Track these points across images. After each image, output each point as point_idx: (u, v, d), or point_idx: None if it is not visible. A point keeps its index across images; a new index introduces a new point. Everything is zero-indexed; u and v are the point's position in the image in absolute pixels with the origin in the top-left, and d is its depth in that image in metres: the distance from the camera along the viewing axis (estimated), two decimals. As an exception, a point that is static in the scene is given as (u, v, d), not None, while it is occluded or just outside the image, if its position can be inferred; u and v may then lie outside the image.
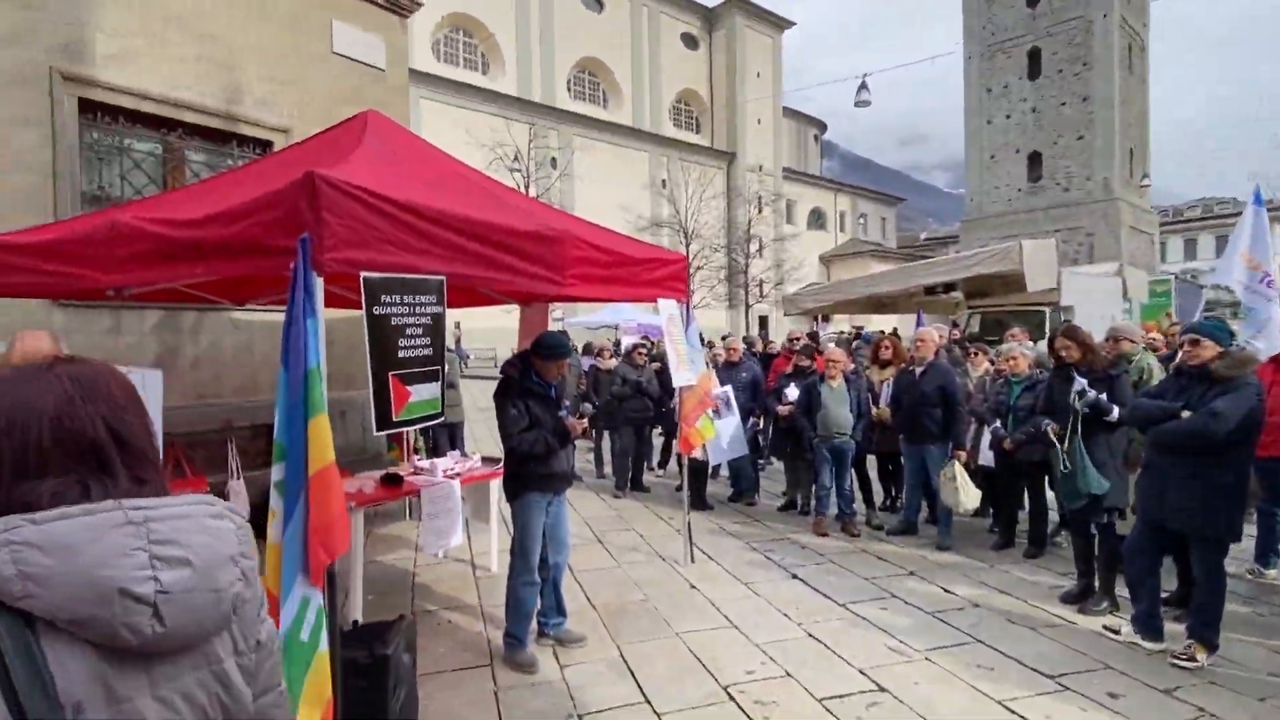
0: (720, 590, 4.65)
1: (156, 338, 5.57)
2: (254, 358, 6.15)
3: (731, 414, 6.44)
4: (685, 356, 5.03)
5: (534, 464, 3.58)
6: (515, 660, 3.61)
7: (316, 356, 2.34)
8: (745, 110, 42.80)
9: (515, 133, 28.69)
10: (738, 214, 38.63)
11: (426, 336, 2.84)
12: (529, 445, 3.51)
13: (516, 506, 3.65)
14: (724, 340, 7.48)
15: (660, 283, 4.67)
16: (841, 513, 5.99)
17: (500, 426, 3.56)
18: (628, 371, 7.55)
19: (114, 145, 5.52)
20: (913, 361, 5.79)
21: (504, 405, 3.55)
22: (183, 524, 0.86)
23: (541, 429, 3.55)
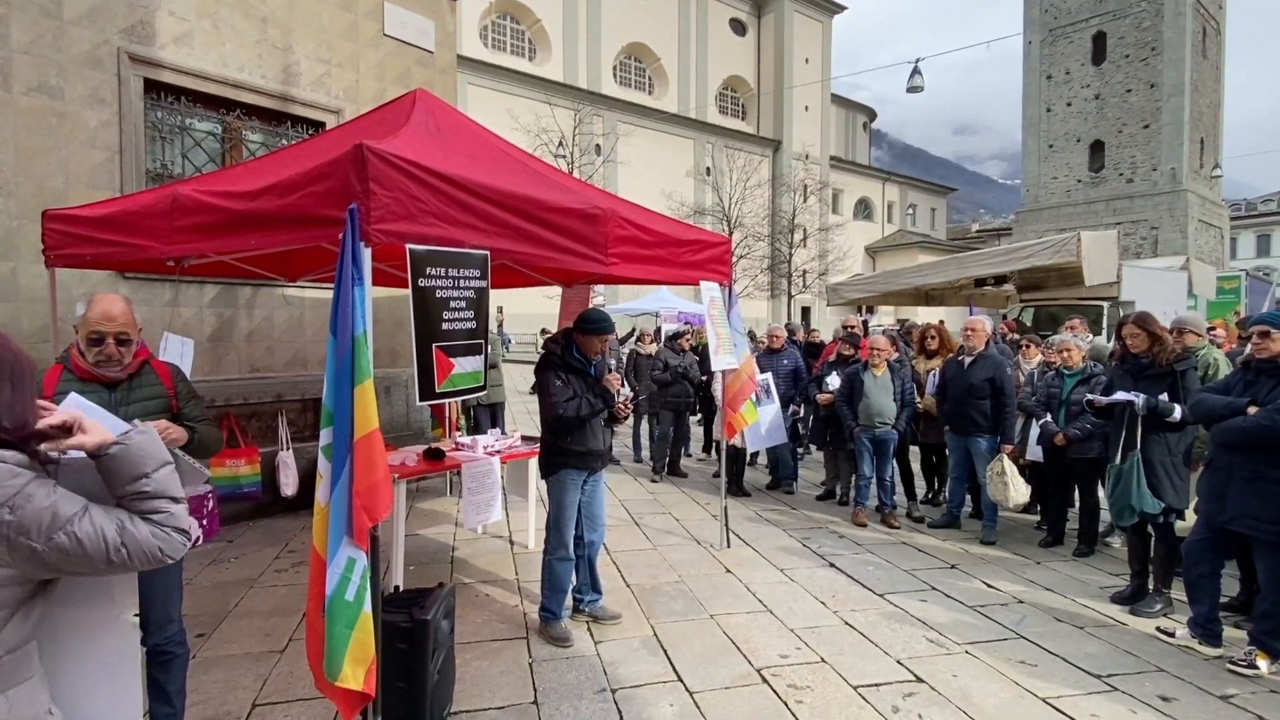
0: (755, 575, 4.63)
1: (213, 311, 5.76)
2: (304, 333, 6.32)
3: (771, 401, 6.38)
4: (727, 339, 4.99)
5: (571, 439, 3.61)
6: (550, 633, 3.66)
7: (363, 324, 2.39)
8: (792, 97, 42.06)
9: (560, 118, 28.77)
10: (782, 202, 38.08)
11: (470, 310, 2.87)
12: (574, 410, 3.55)
13: (552, 482, 3.69)
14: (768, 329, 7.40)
15: (703, 265, 4.63)
16: (881, 504, 5.89)
17: (542, 397, 3.59)
18: (670, 356, 7.53)
19: (176, 125, 5.71)
20: (962, 351, 5.64)
21: (547, 377, 3.58)
22: None
23: (589, 401, 3.60)
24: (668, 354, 7.60)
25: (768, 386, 6.39)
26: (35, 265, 4.69)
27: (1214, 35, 32.99)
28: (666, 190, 34.29)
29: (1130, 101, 31.89)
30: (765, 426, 6.21)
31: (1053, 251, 8.92)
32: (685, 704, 3.06)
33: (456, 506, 6.14)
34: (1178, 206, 30.88)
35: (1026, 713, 3.04)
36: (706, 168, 38.09)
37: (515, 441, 5.10)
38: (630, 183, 33.24)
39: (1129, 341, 4.12)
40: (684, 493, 6.90)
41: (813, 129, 43.57)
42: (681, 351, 7.66)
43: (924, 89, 19.32)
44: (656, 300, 19.71)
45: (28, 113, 4.81)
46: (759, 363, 6.66)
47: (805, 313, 40.50)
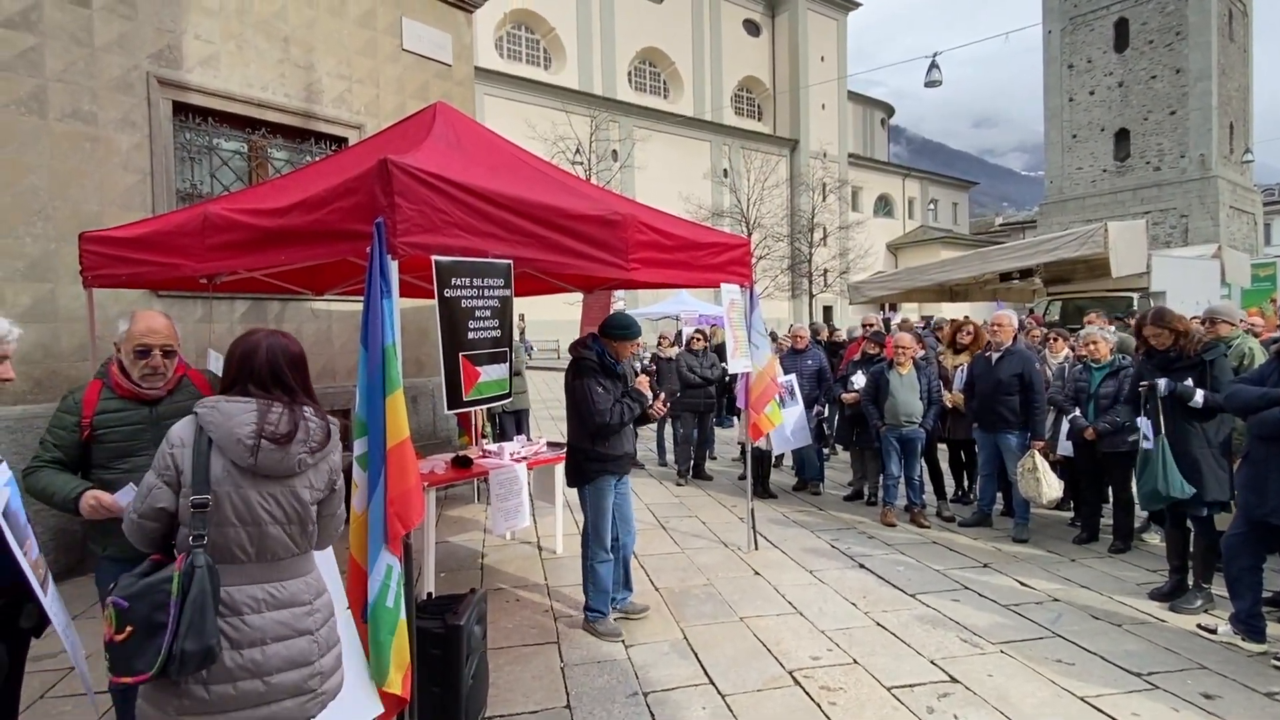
0: (784, 577, 4.62)
1: (244, 325, 5.89)
2: (332, 345, 6.43)
3: (795, 403, 6.36)
4: (744, 342, 4.98)
5: (609, 445, 3.66)
6: (598, 630, 3.75)
7: (392, 335, 2.43)
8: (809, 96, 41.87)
9: (577, 126, 28.93)
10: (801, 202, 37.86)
11: (495, 319, 2.90)
12: (619, 417, 3.59)
13: (589, 490, 3.73)
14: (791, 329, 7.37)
15: (724, 267, 4.64)
16: (910, 503, 5.84)
17: (583, 404, 3.60)
18: (692, 361, 7.53)
19: (204, 145, 5.86)
20: (989, 346, 5.58)
21: (588, 384, 3.59)
22: (286, 413, 1.90)
23: (628, 405, 3.65)
24: (688, 358, 7.61)
25: (791, 388, 6.36)
26: (73, 286, 4.83)
27: (1240, 17, 32.23)
28: (684, 193, 34.31)
29: (1155, 88, 31.25)
30: (790, 428, 6.18)
31: (1079, 243, 8.78)
32: (717, 706, 3.06)
33: (485, 513, 6.19)
34: (1208, 193, 30.17)
35: (1065, 712, 2.99)
36: (724, 169, 38.05)
37: (541, 447, 5.13)
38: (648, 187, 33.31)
39: (1153, 341, 4.04)
40: (710, 496, 6.89)
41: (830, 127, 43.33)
42: (700, 353, 7.67)
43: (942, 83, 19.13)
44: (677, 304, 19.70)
45: (63, 138, 4.96)
46: (783, 364, 6.64)
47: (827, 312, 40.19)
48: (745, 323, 5.03)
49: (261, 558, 1.84)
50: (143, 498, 1.83)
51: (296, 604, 1.87)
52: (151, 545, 1.84)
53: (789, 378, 6.39)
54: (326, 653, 1.92)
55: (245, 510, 1.82)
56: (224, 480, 1.80)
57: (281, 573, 1.87)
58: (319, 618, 1.93)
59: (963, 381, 5.85)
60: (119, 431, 2.42)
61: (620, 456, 3.72)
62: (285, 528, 1.87)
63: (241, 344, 1.94)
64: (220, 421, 1.83)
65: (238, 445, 1.81)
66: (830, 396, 6.83)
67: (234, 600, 1.79)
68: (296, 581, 1.90)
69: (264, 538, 1.84)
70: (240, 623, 1.78)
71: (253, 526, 1.83)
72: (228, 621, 1.76)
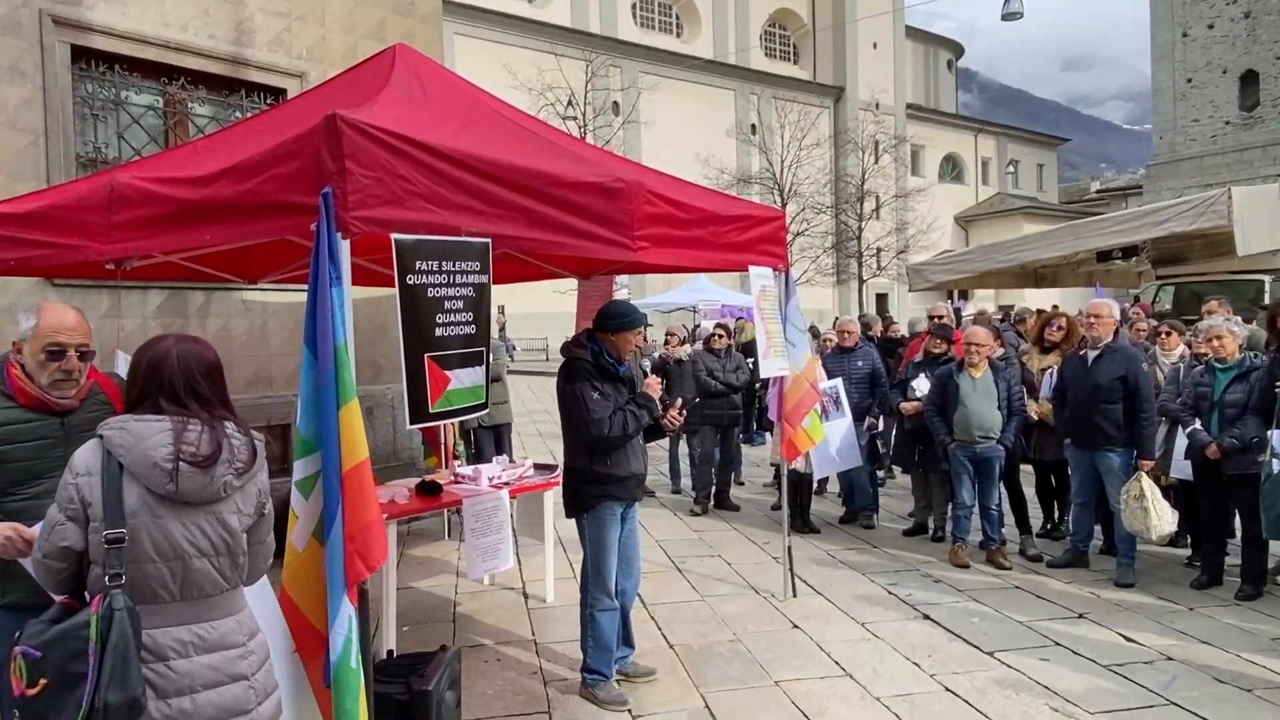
0: (830, 631, 4.62)
1: (160, 322, 5.93)
2: (268, 345, 6.47)
3: (842, 414, 6.36)
4: (778, 339, 4.99)
5: (612, 463, 3.68)
6: (599, 696, 3.75)
7: (344, 331, 2.45)
8: (856, 33, 41.88)
9: (568, 71, 29.02)
10: (848, 164, 37.91)
11: (469, 311, 2.92)
12: (620, 427, 3.60)
13: (589, 520, 3.75)
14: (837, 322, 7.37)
15: (752, 246, 4.65)
16: (987, 538, 5.83)
17: (578, 415, 3.63)
18: (711, 363, 7.54)
19: (110, 99, 5.91)
20: (1084, 344, 5.57)
21: (581, 390, 3.61)
22: (206, 431, 2.00)
23: (633, 413, 3.66)
24: (707, 358, 7.62)
25: (837, 395, 6.36)
26: (-50, 274, 4.87)
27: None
28: (702, 154, 34.39)
29: (1291, 19, 31.09)
30: (835, 445, 6.17)
31: (1196, 214, 8.74)
32: (747, 792, 3.07)
33: (458, 552, 6.21)
34: (1358, 150, 30.00)
35: (1182, 799, 2.99)
36: (751, 125, 38.10)
37: (526, 471, 5.15)
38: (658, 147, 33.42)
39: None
40: (736, 530, 6.89)
41: (884, 71, 43.33)
42: (721, 353, 7.69)
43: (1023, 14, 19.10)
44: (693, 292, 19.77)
45: (-62, 92, 5.01)
46: (826, 365, 6.64)
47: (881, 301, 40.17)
48: (780, 315, 5.04)
49: (187, 596, 1.95)
50: (46, 535, 1.91)
51: (228, 646, 1.99)
52: (62, 588, 1.93)
53: (834, 383, 6.39)
54: (264, 699, 2.04)
55: (166, 544, 1.92)
56: (140, 511, 1.90)
57: (210, 612, 1.98)
58: (254, 660, 2.04)
59: (1051, 387, 5.83)
60: (24, 449, 2.43)
61: (627, 478, 3.74)
62: (212, 560, 1.98)
63: (148, 353, 2.04)
64: (132, 444, 1.91)
65: (154, 470, 1.90)
66: (886, 406, 6.83)
67: (158, 645, 1.90)
68: (227, 621, 2.01)
69: (189, 573, 1.94)
70: (167, 669, 1.89)
71: (176, 561, 1.93)
72: (152, 668, 1.87)
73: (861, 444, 6.58)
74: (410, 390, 2.80)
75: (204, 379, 2.04)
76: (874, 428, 7.00)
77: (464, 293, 2.91)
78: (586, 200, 3.40)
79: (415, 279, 2.77)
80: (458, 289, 2.89)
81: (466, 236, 2.92)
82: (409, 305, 2.77)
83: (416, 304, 2.79)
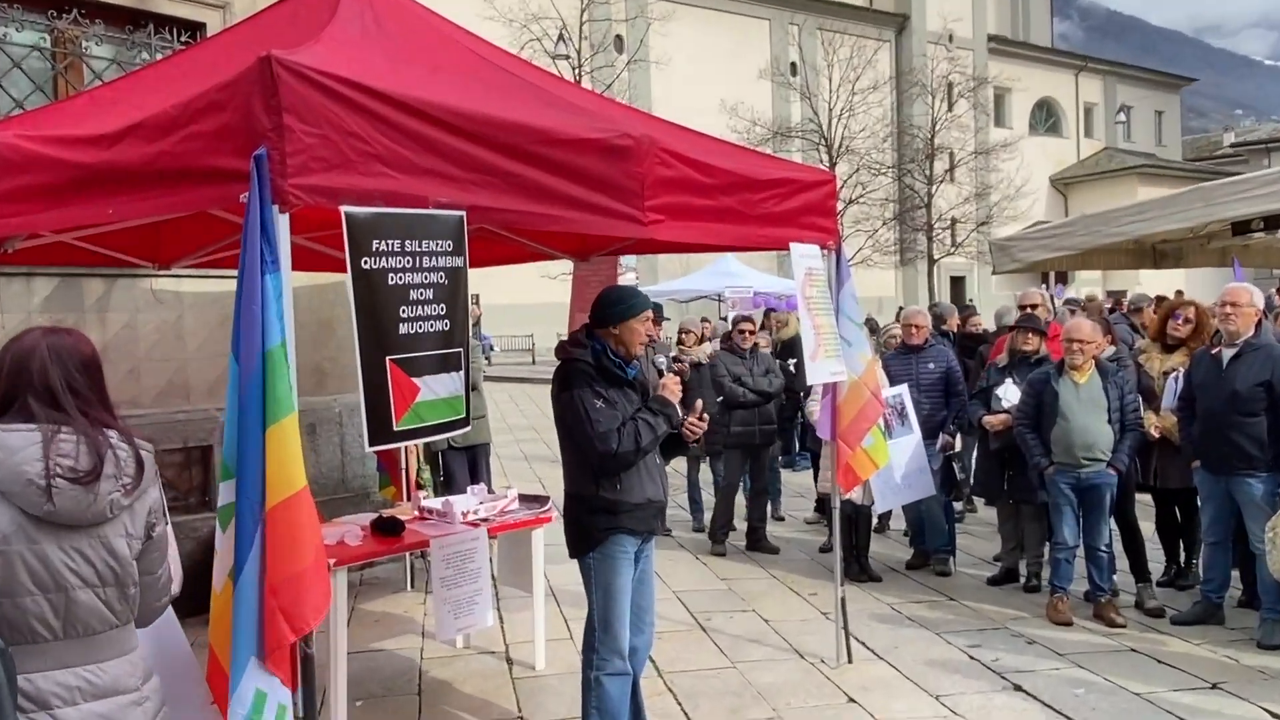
0: (896, 705, 4.60)
1: (49, 317, 5.95)
2: (184, 346, 6.49)
3: (909, 430, 6.34)
4: (830, 335, 4.98)
5: (621, 487, 3.68)
6: None
7: (280, 330, 2.46)
8: (923, -54, 41.85)
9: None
10: (913, 113, 37.89)
11: (440, 303, 2.93)
12: (632, 441, 3.59)
13: (597, 559, 3.74)
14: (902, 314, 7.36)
15: (794, 218, 4.65)
16: (1094, 588, 5.80)
17: (580, 429, 3.62)
18: (736, 366, 7.52)
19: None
20: (1217, 340, 5.53)
21: (580, 398, 3.61)
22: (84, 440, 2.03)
23: (647, 421, 3.65)
24: (729, 360, 7.59)
25: (902, 406, 6.34)
26: None
27: None
28: (729, 101, 34.40)
29: None
30: (902, 470, 6.14)
31: (1359, 173, 8.70)
32: None
33: (424, 606, 6.21)
34: None
35: None
36: (791, 64, 38.13)
37: (509, 504, 5.15)
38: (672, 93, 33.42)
39: None
40: (774, 577, 6.89)
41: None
42: (749, 353, 7.66)
43: (1134, -77, 19.09)
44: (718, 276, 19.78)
45: None
46: (889, 369, 6.62)
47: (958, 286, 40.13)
48: (831, 304, 5.03)
49: (70, 633, 2.01)
50: None
51: (120, 691, 2.06)
52: None
53: (898, 390, 6.37)
54: None
55: (45, 573, 1.98)
56: (14, 536, 1.95)
57: (98, 652, 2.05)
58: (149, 708, 2.12)
59: (1176, 395, 5.79)
60: None
61: (642, 505, 3.74)
62: (98, 591, 2.05)
63: (11, 349, 2.10)
64: (1, 459, 1.94)
65: (27, 488, 1.96)
66: (965, 420, 6.81)
67: (39, 691, 1.96)
68: (119, 663, 2.08)
69: (72, 606, 2.01)
70: (49, 719, 1.95)
71: (57, 593, 1.99)
72: (32, 718, 1.93)
73: (934, 468, 6.56)
74: (369, 403, 2.80)
75: (80, 374, 2.09)
76: (949, 447, 6.97)
77: (434, 279, 2.91)
78: (584, 162, 3.40)
79: (372, 262, 2.78)
80: (426, 274, 2.89)
81: (435, 208, 2.93)
82: (365, 296, 2.78)
83: (374, 294, 2.80)
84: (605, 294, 3.80)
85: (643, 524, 3.77)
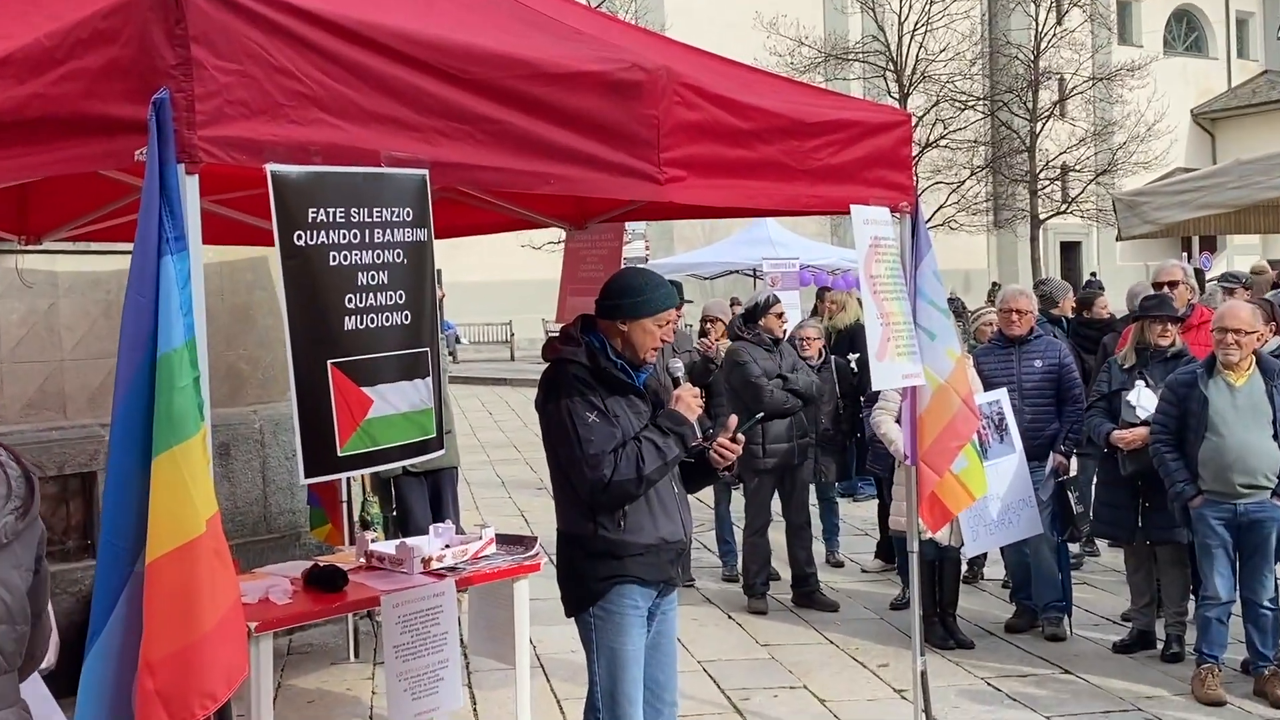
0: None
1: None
2: (60, 343, 6.49)
3: (1009, 448, 6.33)
4: (902, 325, 4.97)
5: (626, 525, 3.69)
6: None
7: (186, 329, 2.47)
8: None
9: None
10: (1010, 27, 37.73)
11: (399, 290, 2.93)
12: (634, 468, 3.58)
13: (599, 618, 3.77)
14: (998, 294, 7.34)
15: (855, 173, 4.66)
16: (1256, 656, 5.78)
17: (566, 450, 3.67)
18: (760, 357, 7.51)
19: None
20: None
21: (570, 409, 3.64)
22: None
23: (652, 441, 3.66)
24: (757, 354, 7.59)
25: (1000, 417, 6.33)
26: None
27: None
28: (767, 14, 34.31)
29: None
30: (1000, 501, 6.14)
31: None
32: None
33: (372, 682, 6.24)
34: None
35: None
36: (848, -34, 37.97)
37: (485, 547, 5.17)
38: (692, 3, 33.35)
39: None
40: (831, 642, 6.90)
41: None
42: (778, 345, 7.68)
43: None
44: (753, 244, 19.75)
45: None
46: (980, 367, 6.65)
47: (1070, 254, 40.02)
48: (903, 285, 5.03)
49: None
50: None
51: None
52: None
53: (995, 396, 6.36)
54: None
55: None
56: None
57: None
58: None
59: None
60: None
61: (655, 548, 3.75)
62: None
63: None
64: None
65: None
66: (1083, 435, 6.80)
67: None
68: (4, 715, 2.18)
69: None
70: None
71: None
72: None
73: (1042, 499, 6.56)
74: (304, 421, 2.80)
75: None
76: (1063, 471, 6.95)
77: (390, 257, 2.91)
78: (582, 102, 3.42)
79: (308, 237, 2.78)
80: (379, 252, 2.89)
81: (391, 166, 2.94)
82: (299, 280, 2.77)
83: (311, 278, 2.79)
84: (618, 279, 3.84)
85: (657, 572, 3.80)
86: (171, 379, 2.43)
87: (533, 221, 5.82)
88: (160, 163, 2.50)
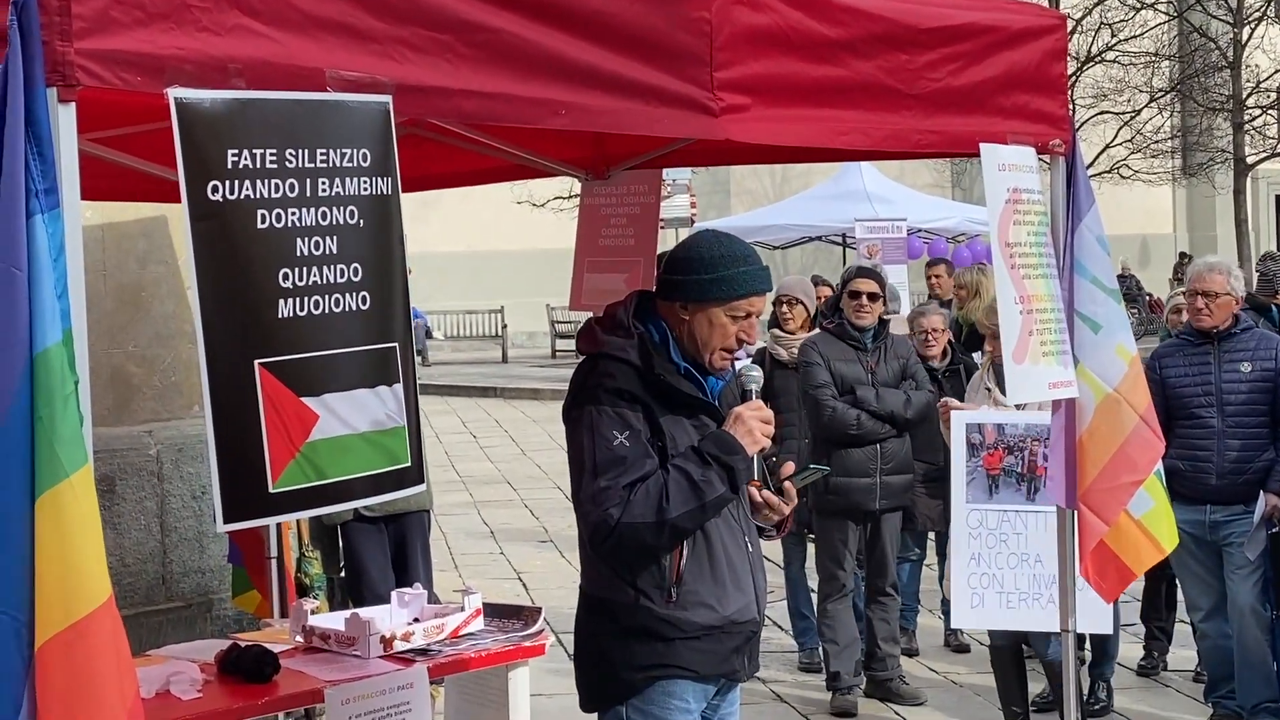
0: None
1: None
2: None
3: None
4: (1052, 316, 4.97)
5: (676, 596, 3.69)
6: None
7: (64, 315, 2.49)
8: None
9: None
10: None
11: (352, 262, 2.94)
12: (655, 511, 3.53)
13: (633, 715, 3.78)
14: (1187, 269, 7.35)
15: (986, 98, 4.69)
16: None
17: (575, 478, 3.72)
18: (843, 360, 7.56)
19: None
20: None
21: (593, 422, 3.65)
22: None
23: (686, 473, 3.58)
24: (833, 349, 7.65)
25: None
26: None
27: None
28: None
29: None
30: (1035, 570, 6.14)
31: None
32: None
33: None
34: None
35: None
36: None
37: (469, 620, 5.21)
38: None
39: None
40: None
41: None
42: (877, 341, 7.75)
43: None
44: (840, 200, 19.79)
45: None
46: (1163, 369, 6.63)
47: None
48: (1051, 256, 5.05)
49: None
50: None
51: None
52: None
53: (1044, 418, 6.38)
54: None
55: None
56: None
57: None
58: None
59: None
60: None
61: (719, 630, 3.76)
62: None
63: None
64: None
65: None
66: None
67: None
68: None
69: None
70: None
71: None
72: None
73: (1249, 558, 6.58)
74: (221, 445, 2.81)
75: None
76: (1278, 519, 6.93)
77: (341, 217, 2.92)
78: (606, 4, 3.45)
79: (227, 189, 2.77)
80: (326, 210, 2.89)
81: (340, 90, 2.96)
82: (214, 248, 2.77)
83: (232, 245, 2.79)
84: (686, 245, 3.89)
85: (718, 663, 3.82)
86: (51, 388, 2.41)
87: (534, 168, 5.83)
88: (25, 85, 2.47)
